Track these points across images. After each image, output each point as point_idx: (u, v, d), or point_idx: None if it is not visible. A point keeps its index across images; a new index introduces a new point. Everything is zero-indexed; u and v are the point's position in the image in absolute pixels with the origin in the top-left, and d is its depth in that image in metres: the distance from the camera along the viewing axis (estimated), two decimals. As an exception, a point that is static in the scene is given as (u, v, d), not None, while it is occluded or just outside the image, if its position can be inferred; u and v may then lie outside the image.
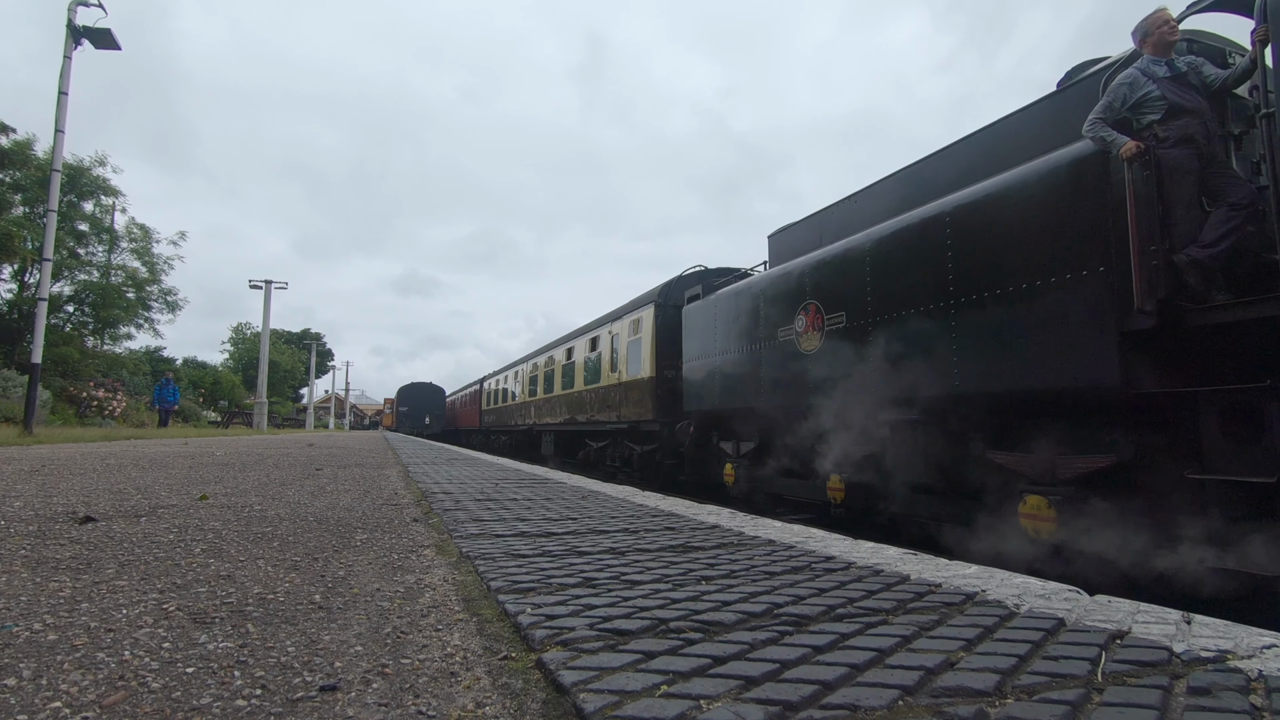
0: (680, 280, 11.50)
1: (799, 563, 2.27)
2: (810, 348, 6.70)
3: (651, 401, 11.16)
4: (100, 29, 13.59)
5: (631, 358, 12.28)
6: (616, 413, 12.82)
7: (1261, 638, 1.45)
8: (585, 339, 15.66)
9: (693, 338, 9.44)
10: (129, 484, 4.83)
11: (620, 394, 12.77)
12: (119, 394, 25.85)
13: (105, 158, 28.95)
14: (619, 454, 13.18)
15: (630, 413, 12.11)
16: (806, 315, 6.81)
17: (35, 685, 1.19)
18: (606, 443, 13.98)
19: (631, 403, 12.05)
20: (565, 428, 16.90)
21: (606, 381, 13.69)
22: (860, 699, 1.11)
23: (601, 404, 13.88)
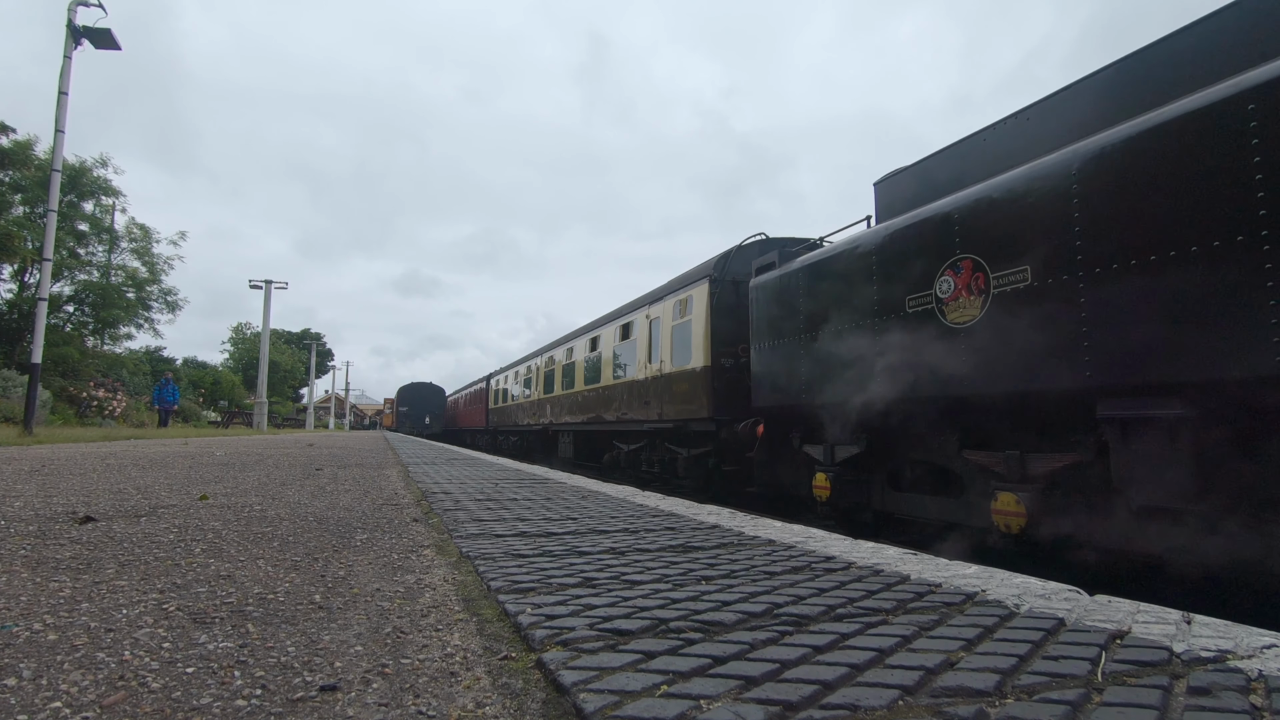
0: (741, 251, 9.69)
1: (799, 563, 2.27)
2: (963, 318, 5.03)
3: (706, 396, 9.33)
4: (100, 29, 13.59)
5: (678, 345, 10.44)
6: (657, 410, 10.94)
7: (1261, 638, 1.45)
8: (613, 327, 13.70)
9: (766, 317, 7.72)
10: (129, 484, 4.83)
11: (661, 388, 10.93)
12: (119, 394, 25.85)
13: (107, 159, 29.04)
14: (656, 458, 11.39)
15: (675, 410, 10.30)
16: (957, 276, 5.10)
17: (35, 685, 1.19)
18: (640, 445, 12.16)
19: (677, 398, 10.25)
20: (588, 428, 15.03)
21: (642, 374, 11.77)
22: (860, 699, 1.11)
23: (635, 400, 12.00)
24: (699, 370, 9.67)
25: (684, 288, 10.51)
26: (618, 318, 13.56)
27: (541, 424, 19.12)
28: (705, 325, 9.61)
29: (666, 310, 11.01)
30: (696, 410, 9.63)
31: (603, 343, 14.30)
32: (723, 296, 9.53)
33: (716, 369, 9.28)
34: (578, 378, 15.85)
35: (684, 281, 10.66)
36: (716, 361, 9.29)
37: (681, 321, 10.39)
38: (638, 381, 11.97)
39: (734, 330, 9.19)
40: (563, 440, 17.43)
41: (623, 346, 13.07)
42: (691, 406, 9.78)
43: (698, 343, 9.75)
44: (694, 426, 9.84)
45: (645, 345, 11.83)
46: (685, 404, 9.98)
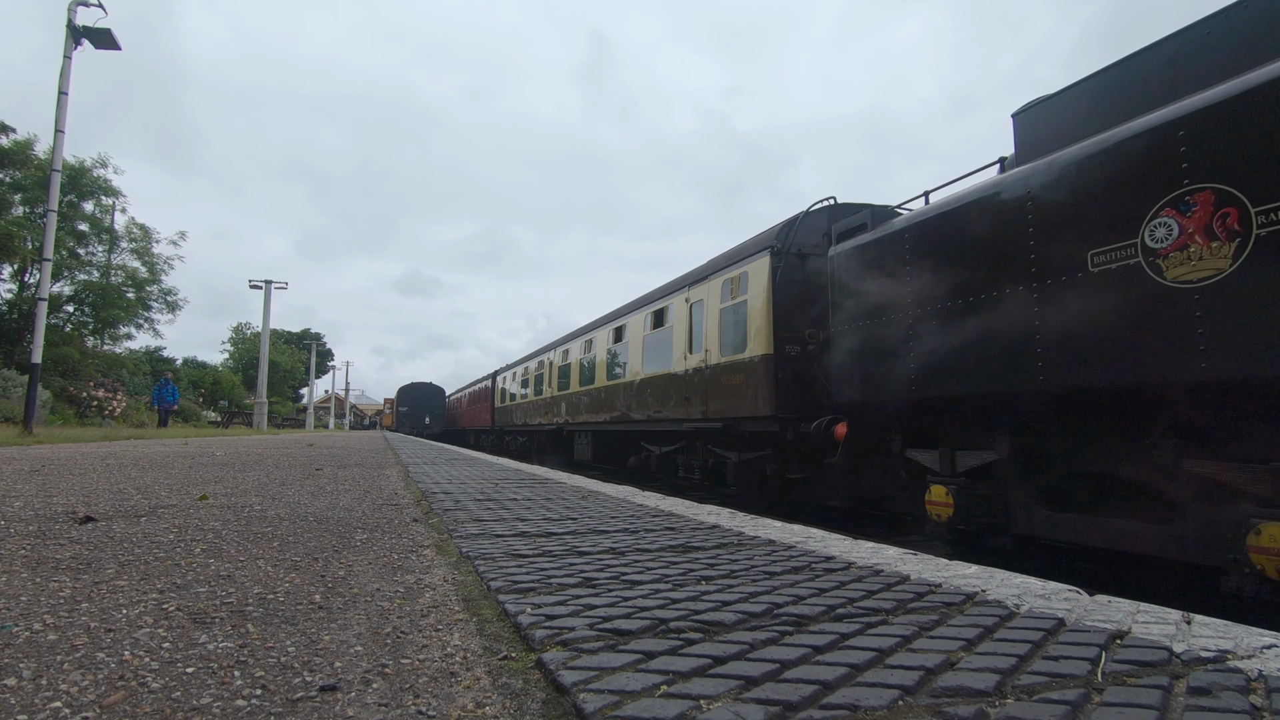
0: (808, 218, 8.28)
1: (799, 563, 2.27)
2: (1199, 274, 3.67)
3: (767, 391, 7.89)
4: (100, 29, 13.59)
5: (728, 331, 9.01)
6: (700, 407, 9.51)
7: (1261, 638, 1.45)
8: (642, 315, 12.15)
9: (854, 292, 6.43)
10: (129, 484, 4.83)
11: (705, 382, 9.43)
12: (119, 394, 25.86)
13: (107, 159, 29.02)
14: (696, 462, 9.98)
15: (724, 407, 8.87)
16: (1185, 216, 3.79)
17: (35, 685, 1.19)
18: (675, 447, 10.74)
19: (726, 393, 8.84)
20: (610, 428, 13.51)
21: (680, 367, 10.31)
22: (860, 699, 1.11)
23: (671, 397, 10.51)
24: (757, 360, 8.16)
25: (736, 264, 8.99)
26: (647, 304, 12.03)
27: (555, 424, 17.75)
28: (766, 306, 8.10)
29: (712, 291, 9.49)
30: (753, 407, 8.17)
31: (629, 333, 12.71)
32: (787, 271, 8.04)
33: (780, 358, 7.85)
34: (599, 373, 14.30)
35: (736, 256, 9.09)
36: (780, 349, 7.87)
37: (733, 303, 8.90)
38: (674, 375, 10.49)
39: (801, 311, 7.89)
40: (579, 441, 15.97)
41: (655, 336, 11.53)
42: (746, 402, 8.34)
43: (756, 327, 8.25)
44: (748, 426, 8.44)
45: (684, 333, 10.30)
46: (738, 400, 8.55)
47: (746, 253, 8.87)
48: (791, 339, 7.95)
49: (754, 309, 8.40)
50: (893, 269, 5.99)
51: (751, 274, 8.55)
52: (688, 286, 10.45)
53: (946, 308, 5.34)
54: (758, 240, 8.84)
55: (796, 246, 8.21)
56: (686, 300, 10.40)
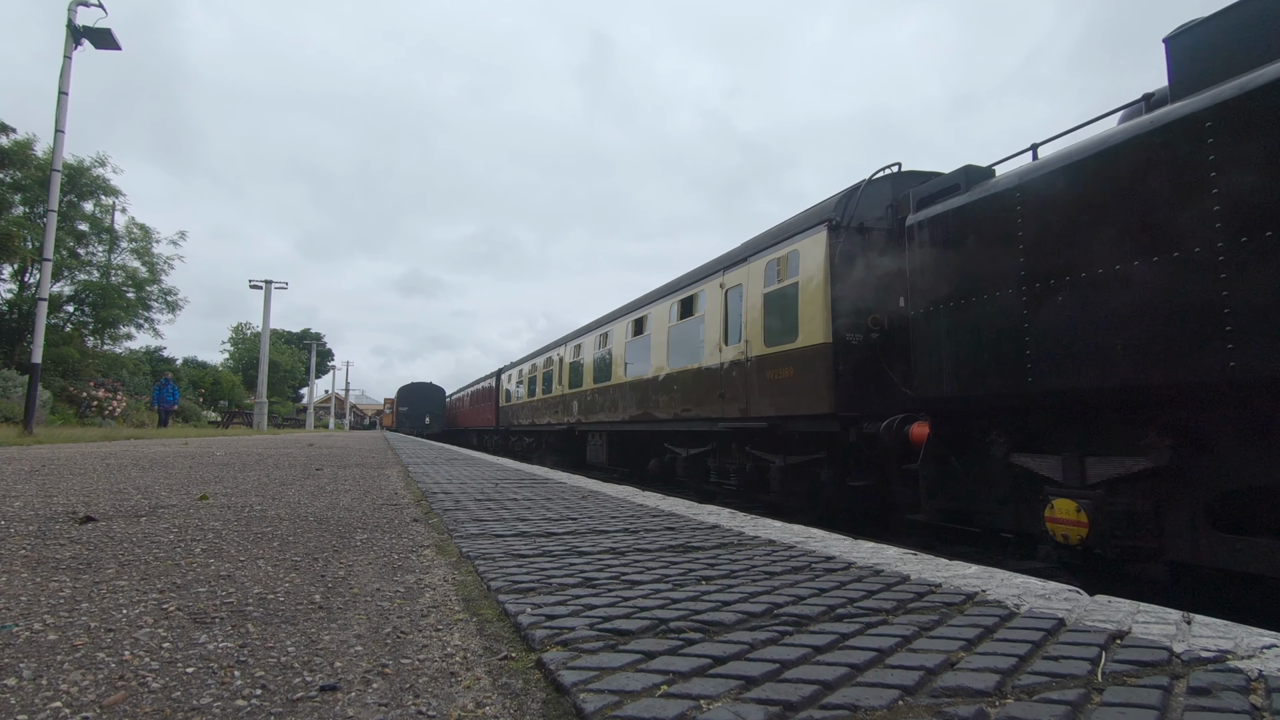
0: (871, 187, 7.26)
1: (799, 563, 2.27)
2: None
3: (825, 385, 6.90)
4: (100, 29, 13.60)
5: (774, 318, 8.02)
6: (738, 404, 8.53)
7: (1261, 638, 1.45)
8: (666, 305, 11.15)
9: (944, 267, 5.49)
10: (129, 484, 4.83)
11: (745, 376, 8.44)
12: (119, 394, 25.86)
13: (105, 158, 29.01)
14: (732, 466, 9.09)
15: (769, 404, 7.92)
16: None
17: (35, 685, 1.19)
18: (707, 449, 9.83)
19: (772, 388, 7.87)
20: (629, 428, 12.54)
21: (714, 360, 9.28)
22: (860, 699, 1.11)
23: (703, 393, 9.55)
24: (813, 350, 7.15)
25: (783, 242, 7.98)
26: (673, 293, 11.02)
27: (566, 424, 16.64)
28: (823, 288, 7.06)
29: (754, 275, 8.48)
30: (808, 403, 7.19)
31: (652, 324, 11.74)
32: (847, 248, 7.03)
33: (840, 347, 6.85)
34: (616, 368, 13.31)
35: (783, 234, 8.06)
36: (840, 337, 6.87)
37: (780, 287, 7.91)
38: (707, 370, 9.48)
39: (862, 293, 6.94)
40: (593, 442, 14.96)
41: (682, 327, 10.59)
42: (799, 399, 7.36)
43: (811, 312, 7.23)
44: (798, 426, 7.50)
45: (719, 322, 9.26)
46: (787, 396, 7.56)
47: (796, 229, 7.74)
48: (853, 325, 6.91)
49: (807, 292, 7.35)
50: (1001, 236, 4.96)
51: (803, 252, 7.50)
52: (722, 271, 9.35)
53: (1082, 279, 4.33)
54: (811, 214, 7.70)
55: (857, 220, 7.11)
56: (721, 286, 9.30)
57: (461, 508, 3.76)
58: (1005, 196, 5.04)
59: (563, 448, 17.82)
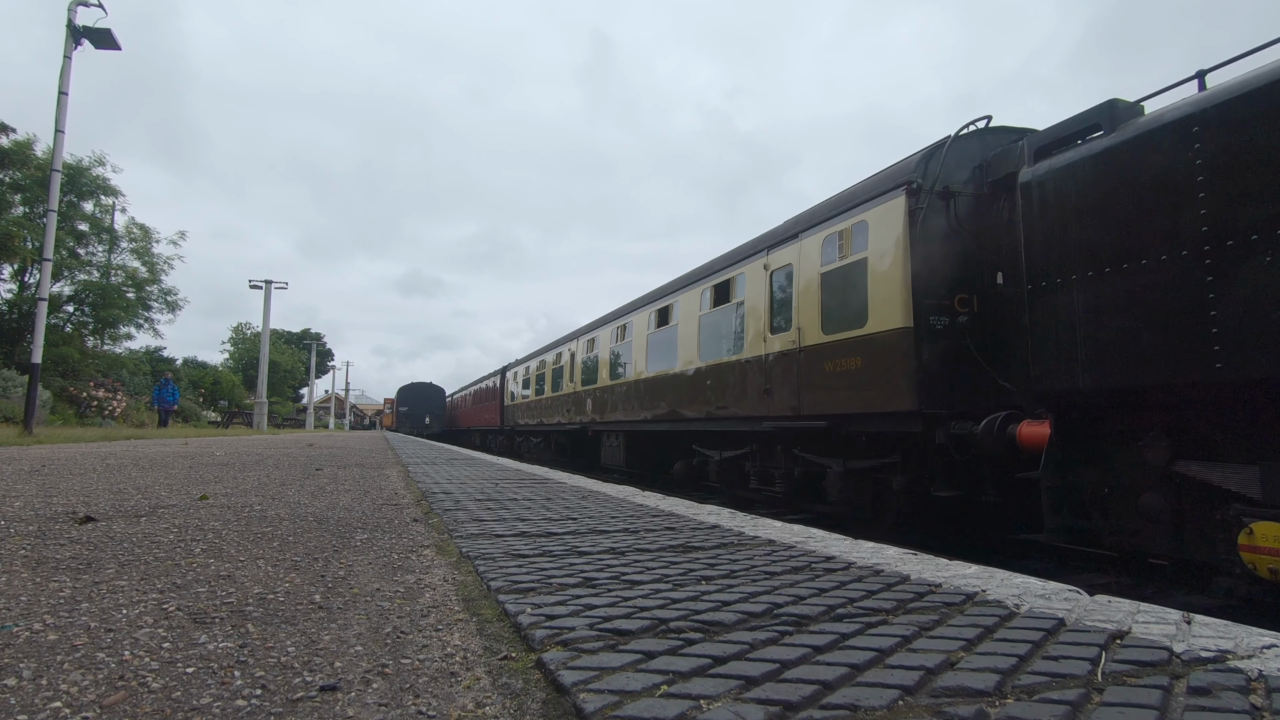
0: (957, 144, 6.25)
1: (799, 563, 2.27)
2: None
3: (904, 376, 5.97)
4: (100, 29, 13.60)
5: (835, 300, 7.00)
6: (789, 400, 7.54)
7: (1261, 638, 1.45)
8: (697, 291, 10.17)
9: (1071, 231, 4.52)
10: (129, 484, 4.83)
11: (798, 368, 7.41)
12: (119, 394, 25.87)
13: (105, 157, 29.01)
14: (778, 470, 8.13)
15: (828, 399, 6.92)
16: None
17: (35, 685, 1.19)
18: (745, 451, 8.87)
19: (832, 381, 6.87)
20: (651, 427, 11.65)
21: (758, 350, 8.26)
22: (860, 699, 1.11)
23: (743, 388, 8.54)
24: (888, 336, 6.19)
25: (846, 212, 6.97)
26: (705, 278, 10.06)
27: (578, 423, 15.59)
28: (901, 263, 6.10)
29: (808, 252, 7.49)
30: (881, 399, 6.25)
31: (680, 313, 10.75)
32: (929, 216, 6.09)
33: (923, 332, 5.93)
34: (636, 363, 12.33)
35: (847, 203, 7.02)
36: (923, 320, 5.95)
37: (841, 265, 6.93)
38: (748, 362, 8.49)
39: (947, 270, 6.05)
40: (608, 443, 13.98)
41: (717, 316, 9.60)
42: (868, 394, 6.41)
43: (885, 292, 6.26)
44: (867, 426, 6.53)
45: (763, 309, 8.27)
46: (853, 390, 6.58)
47: (864, 196, 6.75)
48: (937, 307, 5.98)
49: (879, 268, 6.38)
50: (1170, 184, 4.04)
51: (874, 223, 6.53)
52: (766, 250, 8.37)
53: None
54: (883, 178, 6.69)
55: (941, 182, 6.12)
56: (765, 267, 8.29)
57: (461, 508, 3.76)
58: (1174, 133, 4.02)
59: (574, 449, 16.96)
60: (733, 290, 9.21)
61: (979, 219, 6.13)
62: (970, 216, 6.16)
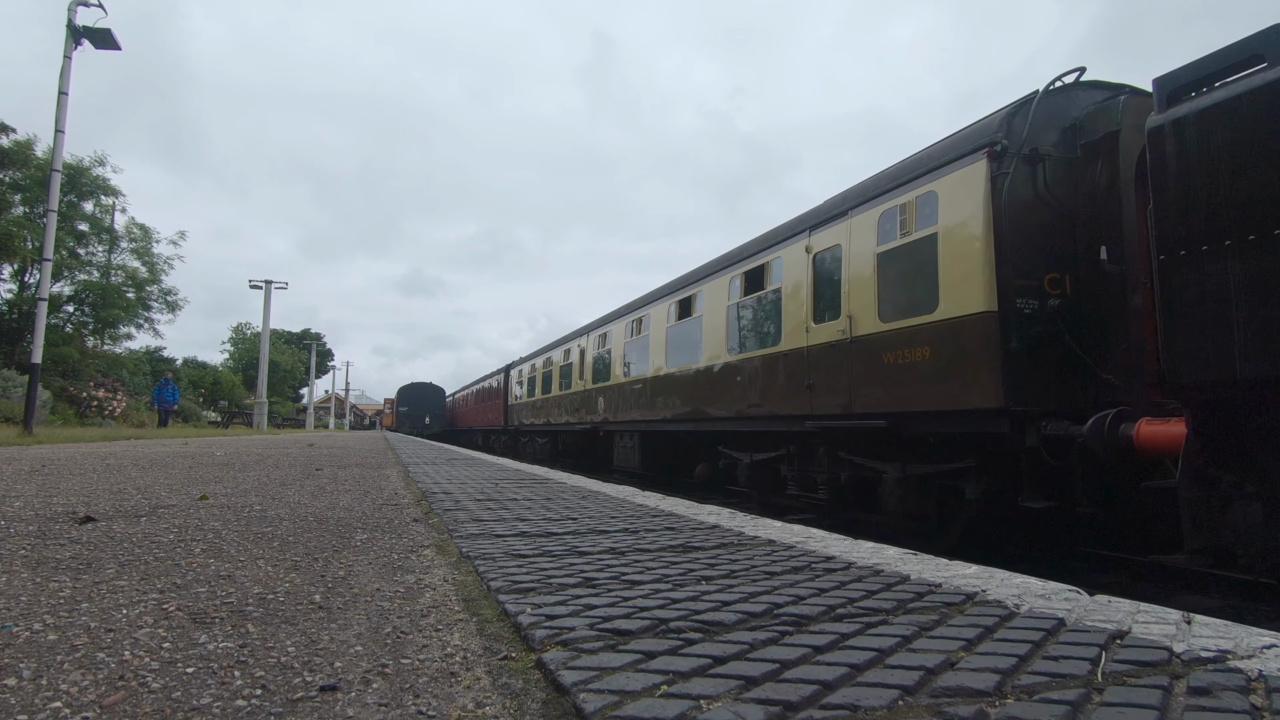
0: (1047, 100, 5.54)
1: (799, 563, 2.27)
2: None
3: (988, 368, 5.22)
4: (100, 29, 13.60)
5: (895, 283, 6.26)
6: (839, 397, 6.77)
7: (1261, 638, 1.45)
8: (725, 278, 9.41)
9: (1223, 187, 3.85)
10: (129, 484, 4.83)
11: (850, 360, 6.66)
12: (119, 394, 25.88)
13: (105, 157, 29.02)
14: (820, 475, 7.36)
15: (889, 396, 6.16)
16: None
17: (35, 685, 1.19)
18: (780, 453, 8.10)
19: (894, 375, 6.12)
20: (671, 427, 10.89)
21: (799, 341, 7.52)
22: (860, 699, 1.11)
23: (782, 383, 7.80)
24: (965, 323, 5.43)
25: (910, 183, 6.18)
26: (733, 264, 9.29)
27: (589, 423, 14.90)
28: (983, 237, 5.35)
29: (860, 231, 6.73)
30: (957, 394, 5.48)
31: (704, 304, 10.01)
32: (1016, 183, 5.35)
33: (1010, 318, 5.19)
34: (653, 359, 11.63)
35: (911, 172, 6.24)
36: (1009, 304, 5.22)
37: (904, 243, 6.18)
38: (786, 355, 7.75)
39: (1039, 244, 5.33)
40: (621, 444, 13.27)
41: (747, 306, 8.87)
42: (939, 388, 5.65)
43: (962, 272, 5.51)
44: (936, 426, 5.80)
45: (805, 295, 7.52)
46: (920, 384, 5.84)
47: (933, 163, 5.99)
48: (1025, 289, 5.26)
49: (953, 245, 5.63)
50: None
51: (945, 193, 5.78)
52: (808, 231, 7.61)
53: None
54: (959, 140, 5.88)
55: (1028, 144, 5.41)
56: (808, 250, 7.55)
57: (461, 508, 3.76)
58: None
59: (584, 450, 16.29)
60: (767, 277, 8.43)
61: (1070, 187, 5.41)
62: (1061, 184, 5.42)
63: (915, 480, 6.12)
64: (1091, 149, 5.30)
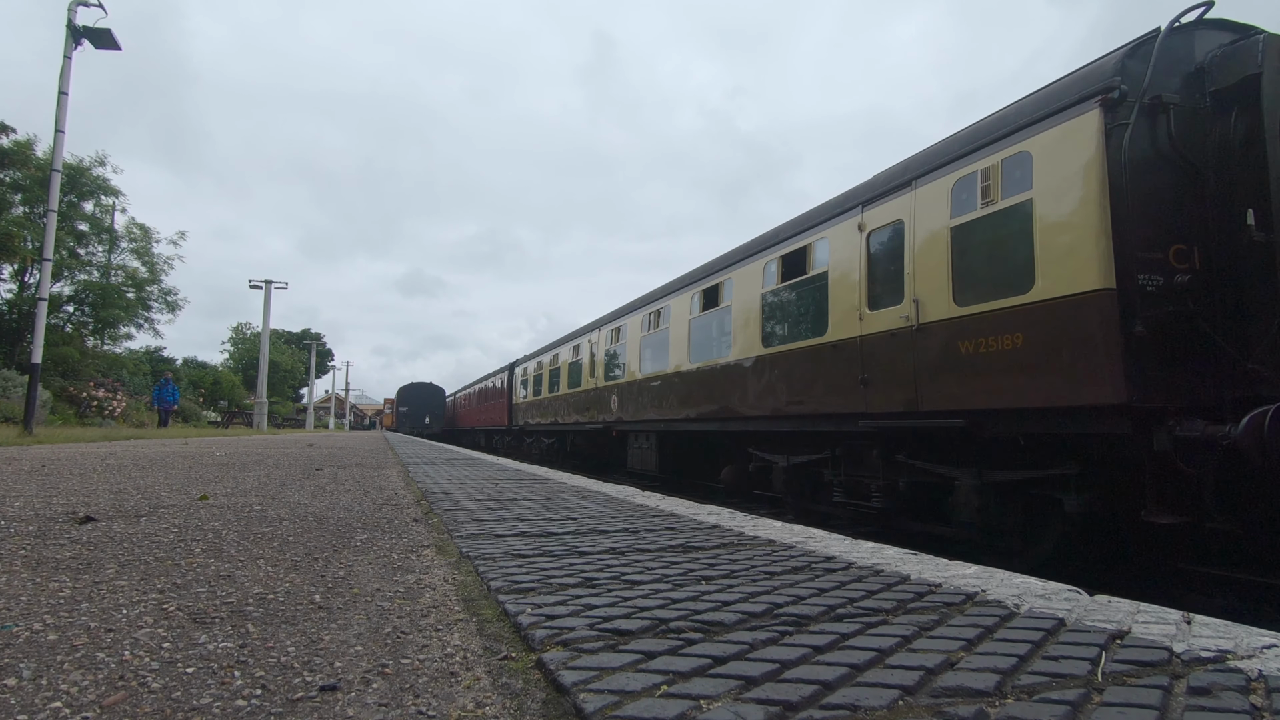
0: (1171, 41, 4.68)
1: (799, 563, 2.27)
2: None
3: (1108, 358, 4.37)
4: (100, 29, 13.60)
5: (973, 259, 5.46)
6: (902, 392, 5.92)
7: (1261, 638, 1.45)
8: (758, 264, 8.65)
9: None
10: (129, 484, 4.83)
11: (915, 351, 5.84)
12: (119, 394, 25.87)
13: (105, 157, 29.02)
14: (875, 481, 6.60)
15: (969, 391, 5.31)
16: None
17: (35, 685, 1.19)
18: (824, 455, 7.37)
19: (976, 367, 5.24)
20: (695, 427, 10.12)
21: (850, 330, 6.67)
22: (860, 699, 1.11)
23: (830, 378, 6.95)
24: (1074, 303, 4.59)
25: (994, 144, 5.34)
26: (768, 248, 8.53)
27: (601, 422, 14.15)
28: (1096, 201, 4.50)
29: (927, 203, 5.93)
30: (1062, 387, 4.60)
31: (733, 293, 9.24)
32: (1136, 139, 4.49)
33: (1131, 296, 4.35)
34: (674, 353, 10.92)
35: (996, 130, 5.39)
36: (1129, 281, 4.38)
37: (985, 214, 5.35)
38: (834, 346, 6.90)
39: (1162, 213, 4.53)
40: (636, 445, 12.59)
41: (782, 293, 8.13)
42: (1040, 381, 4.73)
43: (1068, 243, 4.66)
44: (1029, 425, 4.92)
45: (857, 278, 6.69)
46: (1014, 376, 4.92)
47: (1026, 118, 5.12)
48: (1148, 263, 4.45)
49: (1054, 212, 4.77)
50: None
51: (1043, 152, 4.90)
52: (859, 208, 6.82)
53: None
54: (1062, 88, 4.99)
55: (1149, 93, 4.53)
56: (860, 228, 6.73)
57: (461, 508, 3.76)
58: None
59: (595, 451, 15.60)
60: (809, 260, 7.60)
61: (1198, 142, 4.63)
62: (1187, 139, 4.61)
63: (996, 489, 5.35)
64: (1223, 97, 4.53)
